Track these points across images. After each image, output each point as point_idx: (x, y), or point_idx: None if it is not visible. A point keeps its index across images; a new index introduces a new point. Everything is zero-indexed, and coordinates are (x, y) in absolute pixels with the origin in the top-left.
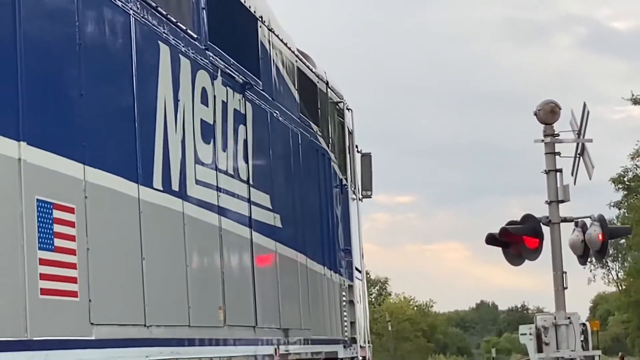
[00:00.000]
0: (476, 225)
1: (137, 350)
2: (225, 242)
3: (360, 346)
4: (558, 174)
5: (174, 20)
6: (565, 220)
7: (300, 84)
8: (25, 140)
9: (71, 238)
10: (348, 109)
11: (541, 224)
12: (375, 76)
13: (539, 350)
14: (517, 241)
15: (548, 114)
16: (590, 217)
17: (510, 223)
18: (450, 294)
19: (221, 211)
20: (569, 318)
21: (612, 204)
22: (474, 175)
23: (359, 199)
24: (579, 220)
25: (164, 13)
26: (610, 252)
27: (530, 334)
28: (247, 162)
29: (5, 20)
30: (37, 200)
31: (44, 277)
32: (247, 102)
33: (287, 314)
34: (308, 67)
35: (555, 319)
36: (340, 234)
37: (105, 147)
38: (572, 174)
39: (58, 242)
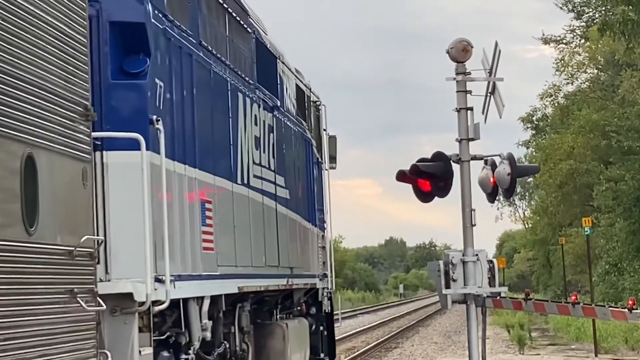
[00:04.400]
0: (389, 162)
1: (233, 281)
2: (265, 213)
3: (329, 280)
4: (469, 112)
5: (244, 76)
6: (475, 158)
7: (297, 94)
8: (197, 167)
9: (210, 218)
10: (323, 105)
11: (451, 161)
12: (299, 15)
13: (447, 286)
14: (427, 178)
15: (460, 52)
16: (499, 156)
17: (421, 160)
18: (360, 229)
19: (263, 192)
20: (476, 255)
21: (520, 143)
22: (388, 112)
23: (327, 170)
24: (489, 158)
25: (240, 73)
26: (518, 190)
27: (438, 271)
28: (273, 157)
29: (179, 94)
30: (200, 198)
31: (204, 240)
32: (273, 117)
33: (292, 258)
34: (300, 80)
35: (463, 255)
36: (316, 197)
37: (220, 162)
38: (483, 113)
39: (207, 221)
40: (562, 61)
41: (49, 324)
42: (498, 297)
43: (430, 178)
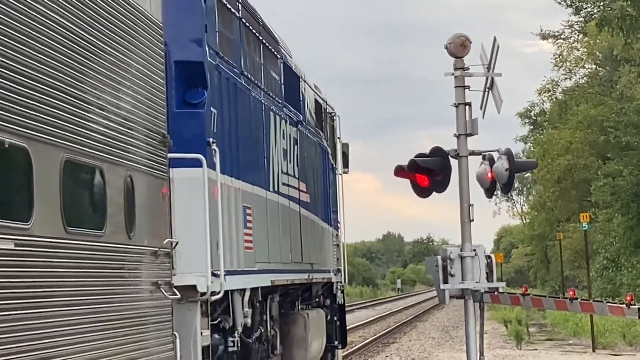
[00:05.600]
0: (387, 156)
1: (267, 275)
2: (291, 215)
3: (342, 275)
4: (467, 107)
5: (274, 97)
6: (473, 153)
7: (315, 108)
8: (240, 179)
9: (250, 222)
10: (337, 116)
11: (449, 156)
12: (297, 9)
13: (445, 281)
14: (425, 173)
15: (458, 47)
16: (497, 151)
17: (419, 155)
18: (358, 224)
19: (289, 198)
20: (474, 250)
21: (518, 138)
22: (386, 107)
23: (340, 174)
24: (487, 153)
25: (272, 95)
26: (516, 185)
27: (436, 266)
28: (297, 165)
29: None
30: (243, 205)
31: (245, 240)
32: (297, 131)
33: (312, 255)
34: (318, 94)
35: (461, 250)
36: (331, 200)
37: (257, 173)
38: (481, 108)
39: (248, 224)
40: (561, 56)
41: (143, 308)
42: (496, 292)
43: (428, 173)
